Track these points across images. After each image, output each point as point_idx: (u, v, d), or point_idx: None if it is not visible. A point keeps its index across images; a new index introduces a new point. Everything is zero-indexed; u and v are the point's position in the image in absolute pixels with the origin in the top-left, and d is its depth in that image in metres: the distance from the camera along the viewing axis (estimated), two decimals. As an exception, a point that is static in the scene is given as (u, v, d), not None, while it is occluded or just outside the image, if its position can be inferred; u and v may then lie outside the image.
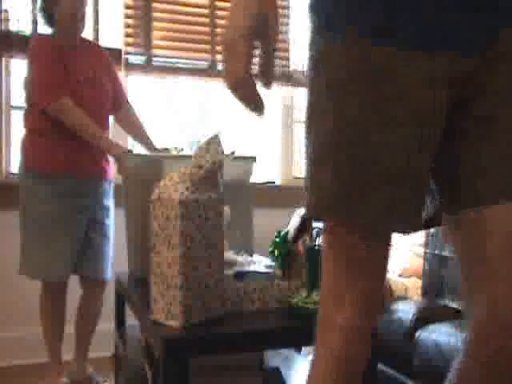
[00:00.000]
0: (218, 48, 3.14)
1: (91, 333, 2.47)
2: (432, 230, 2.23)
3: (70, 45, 2.31)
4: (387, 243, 0.94)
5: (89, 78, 2.31)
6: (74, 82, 2.26)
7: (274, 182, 3.37)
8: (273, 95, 3.41)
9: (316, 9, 0.91)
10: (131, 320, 1.93)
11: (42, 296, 2.34)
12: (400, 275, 2.43)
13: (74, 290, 2.41)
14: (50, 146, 2.25)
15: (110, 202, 2.42)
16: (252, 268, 1.55)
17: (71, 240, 2.28)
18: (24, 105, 2.34)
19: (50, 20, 2.31)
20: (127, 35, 2.95)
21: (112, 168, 2.40)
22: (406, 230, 0.89)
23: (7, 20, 2.70)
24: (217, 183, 1.36)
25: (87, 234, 2.34)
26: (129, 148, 2.48)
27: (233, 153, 1.79)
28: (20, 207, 2.29)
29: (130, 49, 2.95)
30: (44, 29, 2.68)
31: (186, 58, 3.09)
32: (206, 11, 3.12)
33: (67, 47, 2.29)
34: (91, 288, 2.43)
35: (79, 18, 2.29)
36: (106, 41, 2.67)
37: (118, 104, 2.48)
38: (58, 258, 2.26)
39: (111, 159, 2.33)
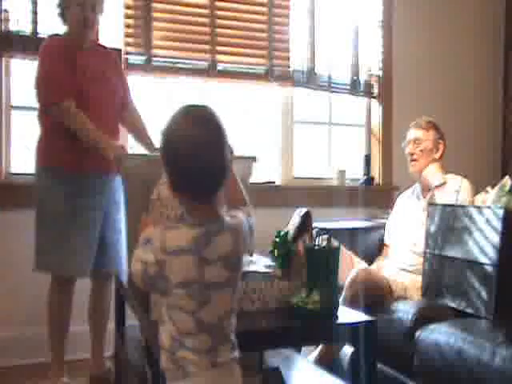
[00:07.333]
0: (218, 48, 3.15)
1: (105, 327, 2.49)
2: (432, 229, 2.23)
3: (80, 45, 2.32)
4: None
5: (98, 78, 2.32)
6: (84, 81, 2.27)
7: (274, 182, 3.37)
8: (273, 95, 3.41)
9: None
10: (131, 320, 1.93)
11: (50, 291, 2.33)
12: None
13: (77, 290, 2.40)
14: (63, 145, 2.25)
15: (120, 196, 2.43)
16: (252, 268, 1.55)
17: (87, 238, 2.29)
18: (24, 105, 2.34)
19: (63, 16, 2.33)
20: (127, 35, 2.95)
21: None
22: None
23: (7, 20, 2.69)
24: (217, 183, 1.35)
25: (102, 230, 2.35)
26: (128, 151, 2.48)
27: (232, 153, 1.78)
28: (37, 206, 2.29)
29: (130, 49, 2.95)
30: (43, 29, 2.69)
31: (186, 58, 3.09)
32: (205, 11, 3.12)
33: (78, 47, 2.31)
34: (101, 281, 2.46)
35: (89, 25, 2.30)
36: (106, 41, 2.67)
37: (124, 104, 2.49)
38: (75, 253, 2.26)
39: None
